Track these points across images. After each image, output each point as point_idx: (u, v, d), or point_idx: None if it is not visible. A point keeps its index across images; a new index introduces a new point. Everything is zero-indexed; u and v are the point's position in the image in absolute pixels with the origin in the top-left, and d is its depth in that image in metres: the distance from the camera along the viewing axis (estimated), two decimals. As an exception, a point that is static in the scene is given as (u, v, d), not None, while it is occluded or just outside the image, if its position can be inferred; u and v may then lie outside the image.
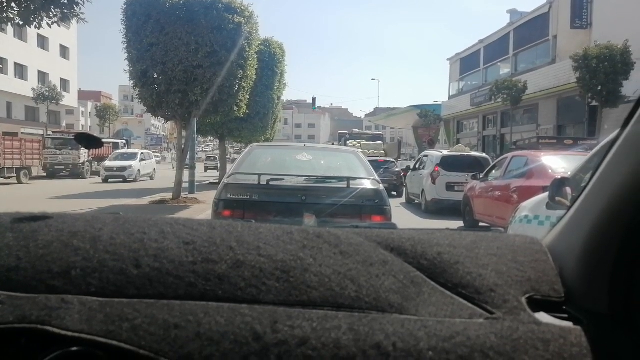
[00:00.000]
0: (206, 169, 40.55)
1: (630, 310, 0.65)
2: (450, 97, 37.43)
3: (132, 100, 69.79)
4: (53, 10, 9.96)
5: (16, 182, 21.74)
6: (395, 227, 1.11)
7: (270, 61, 20.13)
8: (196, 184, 15.49)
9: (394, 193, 16.08)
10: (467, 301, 0.67)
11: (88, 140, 1.32)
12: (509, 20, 30.10)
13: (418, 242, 0.77)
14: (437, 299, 0.67)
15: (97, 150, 26.89)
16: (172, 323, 0.58)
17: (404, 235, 0.80)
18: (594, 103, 18.49)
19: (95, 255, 0.67)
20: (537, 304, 0.67)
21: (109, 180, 23.63)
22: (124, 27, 12.10)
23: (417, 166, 14.50)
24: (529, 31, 26.54)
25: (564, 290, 0.70)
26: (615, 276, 0.66)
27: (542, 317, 0.65)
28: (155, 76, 12.08)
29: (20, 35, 35.12)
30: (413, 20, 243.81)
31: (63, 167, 26.07)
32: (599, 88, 17.27)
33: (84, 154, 26.40)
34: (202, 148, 59.83)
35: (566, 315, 0.67)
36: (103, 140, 1.73)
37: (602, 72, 17.01)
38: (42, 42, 38.54)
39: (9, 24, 10.09)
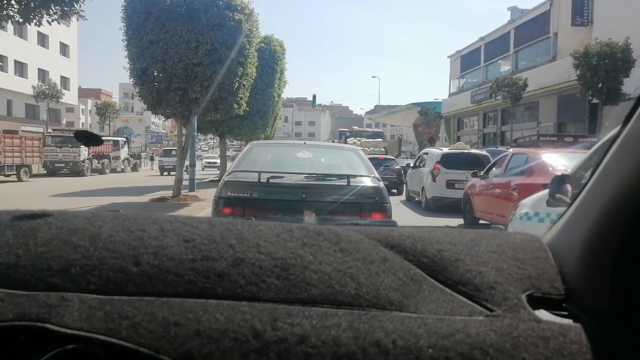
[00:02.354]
0: (162, 169, 30.09)
1: (630, 308, 0.65)
2: (450, 95, 37.40)
3: (132, 98, 69.85)
4: (53, 8, 9.95)
5: (16, 179, 21.76)
6: (395, 225, 1.11)
7: (271, 59, 20.13)
8: (196, 181, 15.51)
9: (394, 191, 16.08)
10: (467, 298, 0.67)
11: (88, 138, 1.32)
12: (510, 18, 30.05)
13: (418, 240, 0.77)
14: (437, 296, 0.67)
15: (97, 147, 26.91)
16: (172, 321, 0.58)
17: (404, 232, 0.80)
18: (595, 100, 18.48)
19: (94, 252, 0.67)
20: (537, 302, 0.67)
21: None
22: (124, 24, 12.08)
23: (417, 164, 14.50)
24: (530, 28, 26.51)
25: (564, 288, 0.70)
26: (615, 274, 0.66)
27: (542, 314, 0.65)
28: (155, 74, 12.07)
29: (20, 32, 35.09)
30: (413, 17, 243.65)
31: (63, 165, 26.10)
32: (600, 85, 17.27)
33: (84, 151, 26.42)
34: (201, 147, 59.53)
35: (566, 313, 0.67)
36: (103, 138, 1.74)
37: (602, 69, 17.00)
38: (42, 39, 38.51)
39: (9, 21, 10.08)
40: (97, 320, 0.58)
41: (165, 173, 29.10)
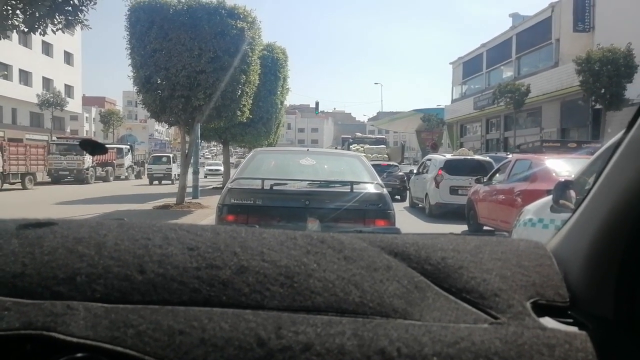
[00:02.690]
0: (151, 178, 27.06)
1: (635, 315, 0.65)
2: (453, 101, 37.42)
3: (136, 106, 70.10)
4: (57, 17, 10.03)
5: (21, 187, 21.85)
6: (399, 232, 1.11)
7: (273, 66, 20.20)
8: (200, 188, 15.53)
9: (398, 197, 16.07)
10: (472, 306, 0.66)
11: (92, 147, 1.33)
12: (512, 24, 30.11)
13: (422, 247, 0.77)
14: (441, 303, 0.67)
15: (102, 155, 26.97)
16: (177, 329, 0.58)
17: (407, 240, 0.80)
18: (598, 106, 18.45)
19: (100, 261, 0.67)
20: (541, 309, 0.67)
21: None
22: (128, 33, 12.18)
23: (420, 170, 14.49)
24: (532, 35, 26.54)
25: (569, 295, 0.70)
26: (620, 280, 0.66)
27: (547, 322, 0.65)
28: (159, 82, 12.14)
29: (25, 41, 35.37)
30: (415, 24, 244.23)
31: (67, 173, 26.19)
32: (602, 91, 17.24)
33: (88, 159, 26.50)
34: (204, 154, 59.44)
35: (571, 320, 0.67)
36: (107, 146, 1.75)
37: (605, 75, 16.98)
38: (47, 48, 38.80)
39: (14, 31, 10.16)
40: (103, 328, 0.58)
41: (156, 182, 27.06)
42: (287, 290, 0.65)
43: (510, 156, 13.77)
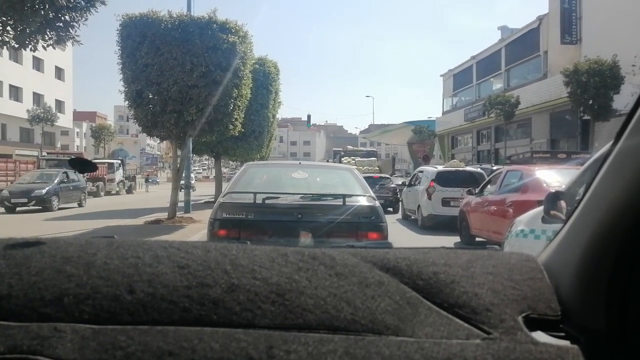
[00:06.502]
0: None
1: (626, 327, 0.65)
2: (444, 113, 37.72)
3: (127, 121, 69.90)
4: (48, 33, 9.99)
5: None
6: (391, 246, 1.11)
7: (265, 80, 20.26)
8: (191, 203, 15.46)
9: (390, 209, 16.08)
10: (464, 321, 0.66)
11: (82, 165, 1.32)
12: (500, 37, 30.54)
13: (414, 262, 0.77)
14: (433, 319, 0.66)
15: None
16: (166, 350, 0.57)
17: (399, 255, 0.80)
18: (586, 117, 18.68)
19: (88, 281, 0.66)
20: (533, 323, 0.67)
21: None
22: (119, 48, 12.18)
23: (412, 182, 14.54)
24: (520, 47, 26.93)
25: (560, 308, 0.70)
26: (611, 291, 0.66)
27: (539, 336, 0.65)
28: (151, 96, 12.12)
29: (16, 57, 35.27)
30: (406, 37, 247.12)
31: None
32: (590, 102, 17.47)
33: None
34: (196, 169, 59.23)
35: (563, 334, 0.66)
36: (97, 161, 1.74)
37: (592, 86, 17.22)
38: (38, 64, 38.72)
39: (5, 47, 10.12)
40: (91, 351, 0.57)
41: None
42: (278, 308, 0.64)
43: (495, 168, 13.95)
